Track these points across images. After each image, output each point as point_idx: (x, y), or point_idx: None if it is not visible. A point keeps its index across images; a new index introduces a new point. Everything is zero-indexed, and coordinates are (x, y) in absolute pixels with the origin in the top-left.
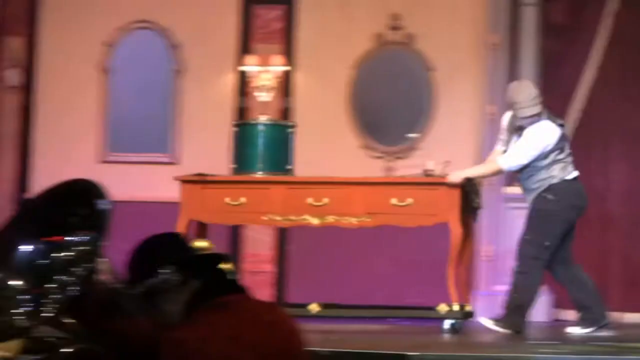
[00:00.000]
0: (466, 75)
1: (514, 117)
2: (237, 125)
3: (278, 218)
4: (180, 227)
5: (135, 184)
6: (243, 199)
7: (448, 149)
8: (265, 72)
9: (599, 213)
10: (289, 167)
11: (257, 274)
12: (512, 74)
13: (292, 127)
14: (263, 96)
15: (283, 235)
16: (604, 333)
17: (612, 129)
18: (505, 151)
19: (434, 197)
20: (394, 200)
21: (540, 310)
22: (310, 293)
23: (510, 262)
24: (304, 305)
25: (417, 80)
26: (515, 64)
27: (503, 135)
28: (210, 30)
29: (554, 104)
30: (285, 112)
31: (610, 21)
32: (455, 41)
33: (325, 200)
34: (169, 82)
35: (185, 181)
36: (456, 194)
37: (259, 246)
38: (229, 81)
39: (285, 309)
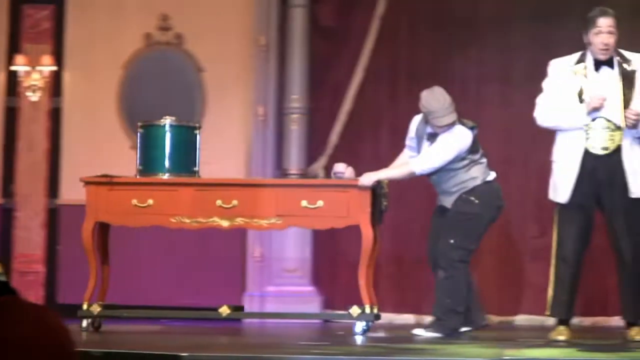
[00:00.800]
0: (236, 76)
1: (422, 124)
2: (142, 127)
3: (187, 220)
4: (87, 229)
5: None
6: (150, 201)
7: (219, 149)
8: (35, 72)
9: None
10: (195, 169)
11: (27, 274)
12: (282, 76)
13: (198, 128)
14: (33, 96)
15: (53, 235)
16: (376, 334)
17: (381, 128)
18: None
19: (344, 200)
20: (304, 203)
21: (310, 312)
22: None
23: (278, 264)
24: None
25: (188, 81)
26: (284, 65)
27: (410, 141)
28: None
29: (323, 105)
30: (55, 113)
31: (377, 24)
32: (225, 42)
33: (235, 202)
34: None
35: (90, 182)
36: (367, 197)
37: (29, 246)
38: None
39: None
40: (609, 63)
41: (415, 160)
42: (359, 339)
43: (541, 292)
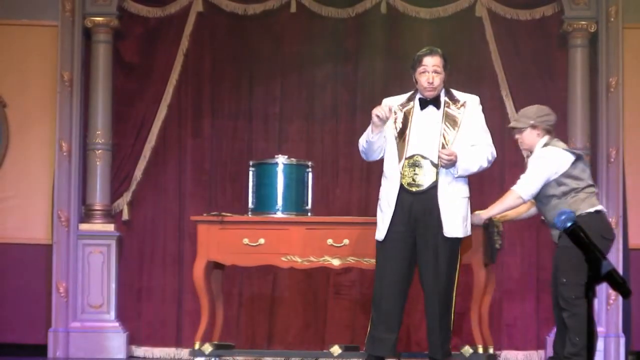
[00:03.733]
0: (40, 112)
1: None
2: (254, 165)
3: (298, 260)
4: (198, 268)
5: None
6: (262, 240)
7: (23, 183)
8: None
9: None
10: (307, 207)
11: None
12: (86, 111)
13: (310, 166)
14: None
15: None
16: None
17: (185, 164)
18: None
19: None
20: None
21: (115, 348)
22: None
23: (83, 300)
24: None
25: None
26: (89, 100)
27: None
28: None
29: (127, 141)
30: None
31: (181, 60)
32: (29, 77)
33: (346, 241)
34: None
35: (202, 221)
36: (478, 236)
37: None
38: None
39: None
40: (436, 102)
41: (516, 186)
42: None
43: (345, 327)
